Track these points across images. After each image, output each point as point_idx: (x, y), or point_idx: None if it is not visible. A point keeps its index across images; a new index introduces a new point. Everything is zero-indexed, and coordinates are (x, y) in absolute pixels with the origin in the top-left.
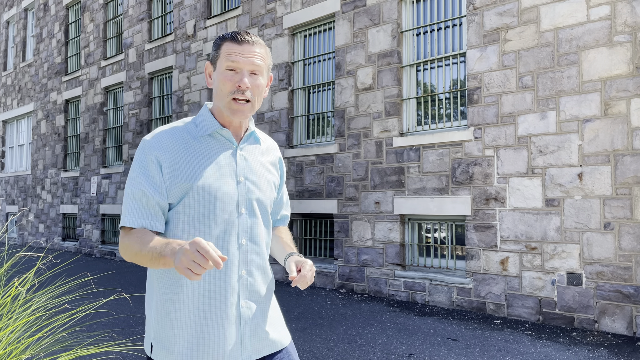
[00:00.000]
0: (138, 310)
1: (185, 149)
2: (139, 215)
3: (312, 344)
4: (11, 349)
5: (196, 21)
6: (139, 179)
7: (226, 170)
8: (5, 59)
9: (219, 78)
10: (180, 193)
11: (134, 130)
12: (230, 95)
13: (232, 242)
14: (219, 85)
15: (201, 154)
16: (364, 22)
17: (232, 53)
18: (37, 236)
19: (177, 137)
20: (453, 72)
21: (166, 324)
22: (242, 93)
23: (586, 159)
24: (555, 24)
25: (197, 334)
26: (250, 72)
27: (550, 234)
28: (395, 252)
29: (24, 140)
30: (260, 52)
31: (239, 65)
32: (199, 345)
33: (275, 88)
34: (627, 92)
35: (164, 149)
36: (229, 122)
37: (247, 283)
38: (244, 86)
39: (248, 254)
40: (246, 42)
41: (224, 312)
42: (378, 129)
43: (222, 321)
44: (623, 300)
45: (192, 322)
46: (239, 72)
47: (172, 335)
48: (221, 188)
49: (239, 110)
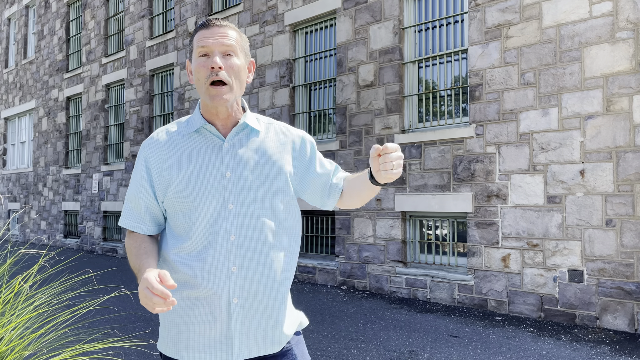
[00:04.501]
0: (140, 306)
1: (173, 147)
2: (129, 218)
3: (314, 340)
4: (14, 344)
5: (197, 18)
6: (132, 182)
7: (212, 167)
8: (7, 56)
9: (194, 67)
10: (168, 191)
11: (135, 128)
12: (206, 81)
13: (220, 238)
14: (195, 75)
15: (186, 151)
16: (365, 18)
17: (201, 38)
18: (39, 233)
19: (168, 138)
20: (455, 69)
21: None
22: (215, 74)
23: (588, 155)
24: (558, 20)
25: (184, 328)
26: (223, 54)
27: (552, 231)
28: (396, 249)
29: (25, 137)
30: (230, 34)
31: (209, 47)
32: (186, 339)
33: (277, 85)
34: (629, 88)
35: (153, 150)
36: (215, 115)
37: (239, 279)
38: (215, 66)
39: (239, 250)
40: (214, 25)
41: (210, 310)
42: (379, 126)
43: (208, 318)
44: (625, 297)
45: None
46: (210, 55)
47: (168, 327)
48: (206, 184)
49: (217, 95)
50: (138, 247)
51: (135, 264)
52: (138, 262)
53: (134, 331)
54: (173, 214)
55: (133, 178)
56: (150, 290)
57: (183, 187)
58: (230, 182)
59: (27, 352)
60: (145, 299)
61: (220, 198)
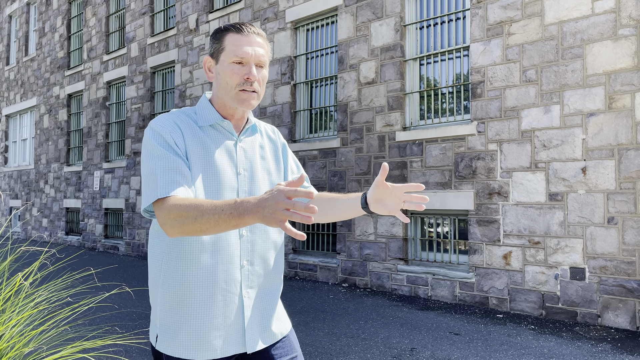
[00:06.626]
0: (141, 304)
1: (193, 136)
2: (170, 185)
3: (315, 338)
4: (14, 341)
5: (198, 15)
6: (164, 153)
7: (227, 162)
8: (8, 53)
9: (225, 71)
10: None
11: (137, 125)
12: (238, 87)
13: (234, 233)
14: (225, 79)
15: (206, 144)
16: (366, 15)
17: (238, 45)
18: (41, 230)
19: (185, 124)
20: (456, 66)
21: (171, 314)
22: (250, 85)
23: (590, 153)
24: (560, 17)
25: (201, 324)
26: (257, 65)
27: (554, 229)
28: (397, 246)
29: (27, 134)
30: (264, 44)
31: (246, 58)
32: (202, 336)
33: (278, 82)
34: (631, 85)
35: (177, 132)
36: (230, 114)
37: (249, 273)
38: (253, 78)
39: (249, 245)
40: (251, 32)
41: (226, 302)
42: (381, 123)
43: (226, 311)
44: (626, 295)
45: (196, 312)
46: (245, 64)
47: (177, 325)
48: (224, 179)
49: (247, 100)
50: (194, 198)
51: (218, 206)
52: (222, 203)
53: (134, 328)
54: None
55: (164, 151)
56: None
57: (204, 177)
58: (243, 179)
59: (28, 349)
60: (284, 213)
61: (235, 193)
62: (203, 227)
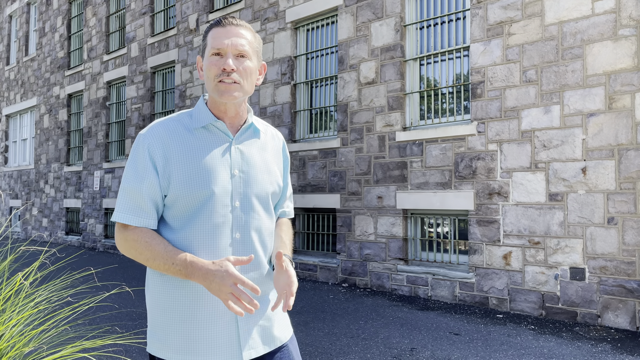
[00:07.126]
0: (141, 304)
1: (178, 141)
2: (130, 212)
3: (315, 338)
4: (14, 341)
5: (198, 15)
6: (132, 173)
7: (220, 164)
8: (8, 53)
9: (205, 65)
10: (174, 186)
11: (137, 125)
12: (216, 79)
13: (225, 236)
14: (206, 73)
15: (195, 147)
16: (367, 15)
17: (216, 37)
18: (41, 230)
19: (171, 130)
20: (456, 66)
21: (162, 317)
22: (227, 75)
23: (590, 153)
24: (560, 17)
25: (190, 329)
26: (236, 55)
27: (554, 229)
28: (397, 246)
29: (27, 134)
30: (245, 35)
31: (223, 48)
32: (192, 340)
33: (278, 82)
34: (631, 86)
35: (157, 142)
36: (223, 112)
37: None
38: (228, 68)
39: (242, 249)
40: (230, 24)
41: (216, 309)
42: (381, 124)
43: (215, 317)
44: (626, 295)
45: (185, 317)
46: (223, 55)
47: (167, 328)
48: (215, 182)
49: (226, 91)
50: (152, 237)
51: (170, 256)
52: (171, 253)
53: (134, 328)
54: (176, 210)
55: (131, 168)
56: (236, 287)
57: (191, 182)
58: (238, 181)
59: (28, 349)
60: (229, 295)
61: (228, 196)
62: (153, 267)
